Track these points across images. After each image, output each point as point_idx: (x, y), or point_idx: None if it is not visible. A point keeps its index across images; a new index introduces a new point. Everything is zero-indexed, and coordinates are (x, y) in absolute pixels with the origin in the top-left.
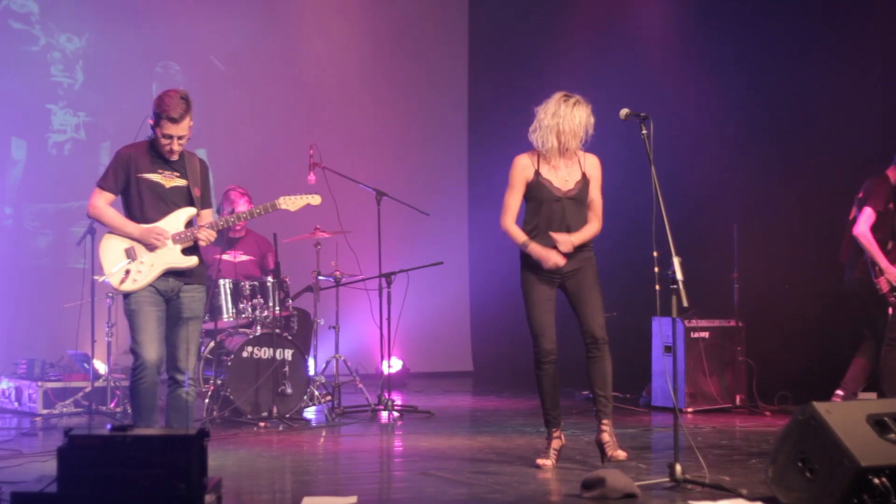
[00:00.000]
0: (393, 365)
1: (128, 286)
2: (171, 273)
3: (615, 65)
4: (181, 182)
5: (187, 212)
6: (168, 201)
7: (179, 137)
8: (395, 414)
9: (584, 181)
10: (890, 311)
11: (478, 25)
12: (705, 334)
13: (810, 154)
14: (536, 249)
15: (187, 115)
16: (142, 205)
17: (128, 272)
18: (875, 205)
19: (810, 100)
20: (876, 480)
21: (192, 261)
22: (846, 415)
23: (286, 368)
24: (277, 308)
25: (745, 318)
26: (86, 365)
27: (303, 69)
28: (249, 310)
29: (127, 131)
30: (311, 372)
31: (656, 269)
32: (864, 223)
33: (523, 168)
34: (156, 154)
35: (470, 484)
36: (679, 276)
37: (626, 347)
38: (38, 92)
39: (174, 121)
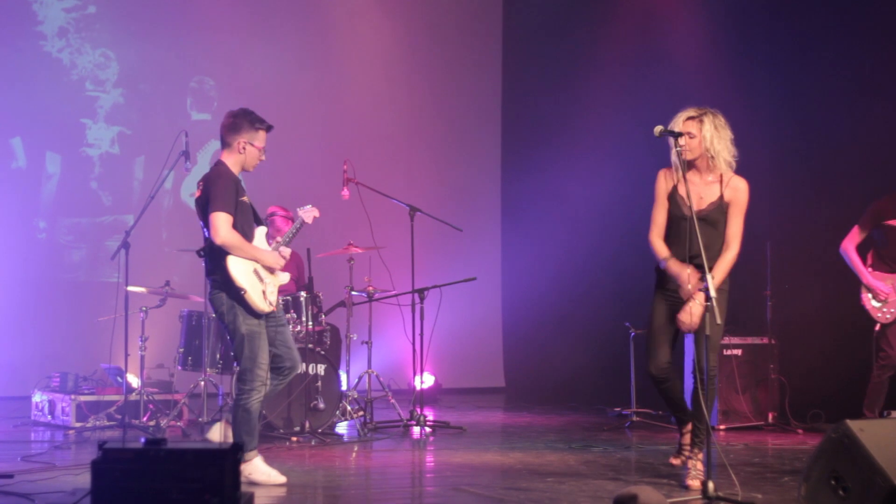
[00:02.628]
0: (425, 380)
1: (268, 308)
2: None
3: (648, 82)
4: (247, 199)
5: (263, 229)
6: (255, 220)
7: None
8: (427, 429)
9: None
10: (877, 327)
11: (511, 42)
12: (738, 352)
13: (844, 172)
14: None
15: None
16: (245, 226)
17: (263, 293)
18: (861, 223)
19: (844, 118)
20: None
21: (287, 276)
22: (879, 433)
23: (319, 383)
24: (310, 323)
25: (778, 336)
26: (119, 378)
27: (337, 85)
28: None
29: (161, 146)
30: (344, 387)
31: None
32: (846, 239)
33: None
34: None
35: (502, 500)
36: (712, 293)
37: None
38: (72, 107)
39: (270, 129)
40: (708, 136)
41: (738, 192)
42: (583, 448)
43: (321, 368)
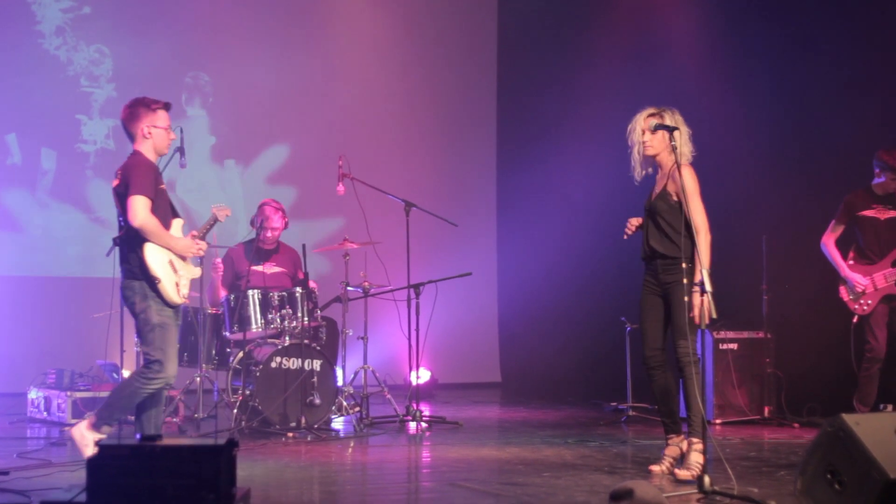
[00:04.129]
0: (421, 376)
1: (180, 300)
2: None
3: (644, 77)
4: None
5: (180, 221)
6: (172, 212)
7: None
8: (424, 425)
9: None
10: (854, 319)
11: (506, 37)
12: (734, 346)
13: (840, 166)
14: None
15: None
16: (164, 214)
17: (177, 285)
18: (837, 217)
19: (839, 113)
20: None
21: (199, 271)
22: (875, 427)
23: (315, 379)
24: (306, 318)
25: (774, 330)
26: (115, 375)
27: (332, 80)
28: (278, 320)
29: None
30: (340, 382)
31: (684, 280)
32: (825, 234)
33: None
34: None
35: (498, 495)
36: (708, 287)
37: None
38: (67, 103)
39: (168, 106)
40: (658, 134)
41: (678, 179)
42: (579, 443)
43: (317, 364)
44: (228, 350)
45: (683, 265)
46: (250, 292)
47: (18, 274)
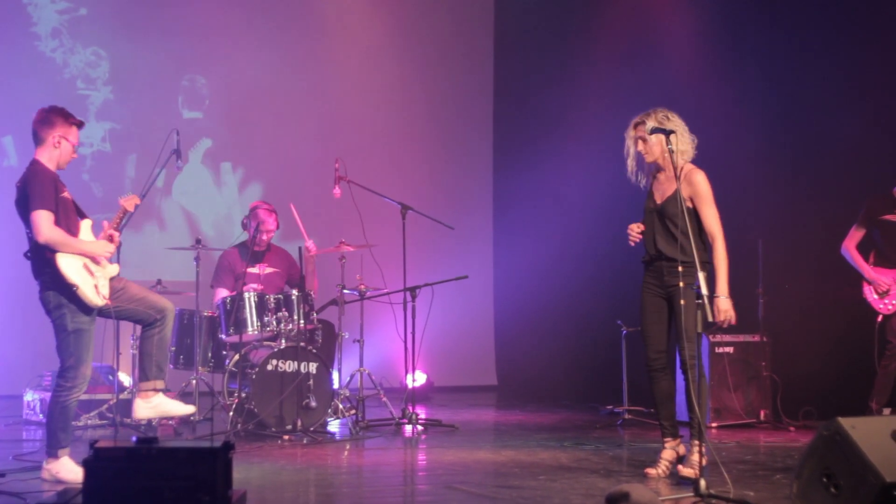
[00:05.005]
0: (417, 379)
1: (101, 301)
2: None
3: (640, 80)
4: (68, 195)
5: (88, 222)
6: (78, 214)
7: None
8: (420, 428)
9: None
10: (879, 318)
11: (503, 39)
12: (730, 349)
13: (836, 169)
14: None
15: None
16: (68, 221)
17: (95, 287)
18: (858, 221)
19: (835, 115)
20: None
21: (117, 268)
22: (871, 430)
23: (311, 382)
24: (302, 321)
25: (770, 334)
26: (110, 377)
27: (328, 83)
28: (274, 323)
29: (152, 144)
30: (336, 385)
31: (681, 284)
32: (846, 240)
33: None
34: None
35: (494, 498)
36: (704, 290)
37: None
38: (64, 105)
39: (82, 125)
40: (653, 139)
41: (694, 184)
42: (575, 446)
43: (313, 367)
44: (224, 353)
45: (680, 269)
46: (246, 295)
47: (15, 276)
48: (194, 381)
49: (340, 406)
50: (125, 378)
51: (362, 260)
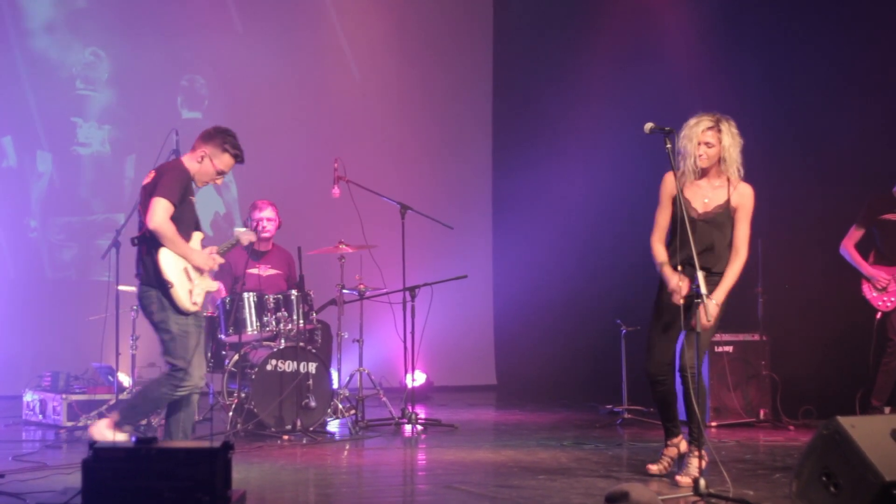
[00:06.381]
0: (417, 378)
1: (192, 308)
2: None
3: (639, 78)
4: (194, 200)
5: (199, 235)
6: (197, 224)
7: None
8: (419, 427)
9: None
10: (878, 315)
11: (502, 38)
12: (729, 348)
13: (836, 168)
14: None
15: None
16: (187, 225)
17: (190, 292)
18: (858, 220)
19: (836, 114)
20: None
21: (217, 285)
22: (871, 429)
23: (310, 382)
24: (301, 321)
25: (769, 333)
26: (110, 377)
27: (328, 83)
28: (273, 323)
29: (152, 144)
30: (335, 385)
31: (679, 283)
32: (845, 239)
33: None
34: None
35: (493, 497)
36: (703, 290)
37: None
38: (63, 105)
39: (240, 162)
40: (727, 146)
41: (745, 197)
42: (574, 445)
43: (312, 367)
44: (224, 353)
45: (703, 277)
46: (245, 295)
47: (15, 277)
48: None
49: (340, 406)
50: (125, 378)
51: (361, 260)
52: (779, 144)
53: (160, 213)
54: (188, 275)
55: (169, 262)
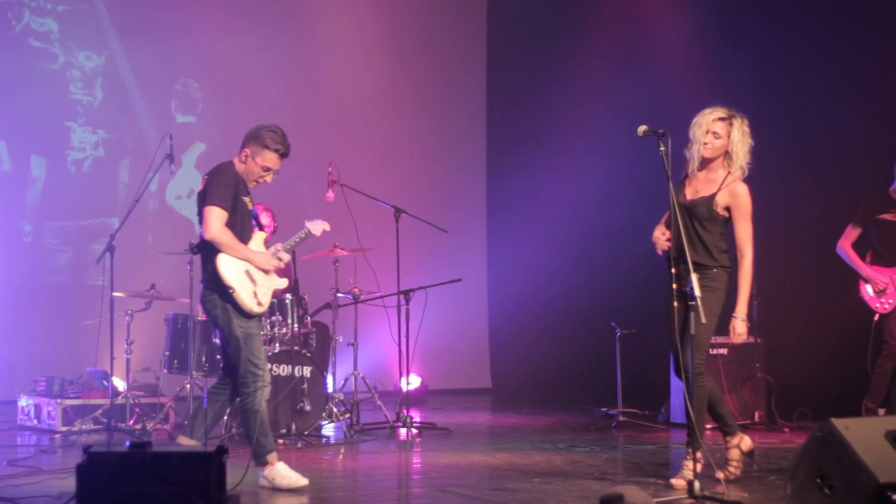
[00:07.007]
0: (411, 382)
1: (257, 309)
2: None
3: (633, 80)
4: (248, 200)
5: (262, 234)
6: (251, 223)
7: (276, 172)
8: (414, 431)
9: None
10: (875, 317)
11: (496, 41)
12: (724, 351)
13: (832, 170)
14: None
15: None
16: (242, 227)
17: (254, 293)
18: (854, 220)
19: (830, 115)
20: (895, 497)
21: (285, 282)
22: (865, 431)
23: (305, 385)
24: (296, 325)
25: (764, 335)
26: (105, 382)
27: (321, 86)
28: (268, 327)
29: (146, 148)
30: (330, 389)
31: (675, 286)
32: (842, 238)
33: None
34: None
35: (488, 500)
36: (697, 292)
37: (644, 364)
38: (57, 110)
39: (284, 157)
40: (735, 140)
41: (737, 197)
42: (569, 448)
43: (307, 370)
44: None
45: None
46: None
47: (9, 281)
48: (189, 386)
49: (335, 409)
50: (119, 383)
51: (356, 263)
52: (774, 145)
53: (214, 222)
54: (251, 276)
55: (228, 267)
